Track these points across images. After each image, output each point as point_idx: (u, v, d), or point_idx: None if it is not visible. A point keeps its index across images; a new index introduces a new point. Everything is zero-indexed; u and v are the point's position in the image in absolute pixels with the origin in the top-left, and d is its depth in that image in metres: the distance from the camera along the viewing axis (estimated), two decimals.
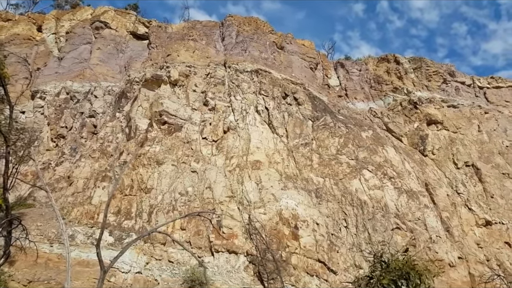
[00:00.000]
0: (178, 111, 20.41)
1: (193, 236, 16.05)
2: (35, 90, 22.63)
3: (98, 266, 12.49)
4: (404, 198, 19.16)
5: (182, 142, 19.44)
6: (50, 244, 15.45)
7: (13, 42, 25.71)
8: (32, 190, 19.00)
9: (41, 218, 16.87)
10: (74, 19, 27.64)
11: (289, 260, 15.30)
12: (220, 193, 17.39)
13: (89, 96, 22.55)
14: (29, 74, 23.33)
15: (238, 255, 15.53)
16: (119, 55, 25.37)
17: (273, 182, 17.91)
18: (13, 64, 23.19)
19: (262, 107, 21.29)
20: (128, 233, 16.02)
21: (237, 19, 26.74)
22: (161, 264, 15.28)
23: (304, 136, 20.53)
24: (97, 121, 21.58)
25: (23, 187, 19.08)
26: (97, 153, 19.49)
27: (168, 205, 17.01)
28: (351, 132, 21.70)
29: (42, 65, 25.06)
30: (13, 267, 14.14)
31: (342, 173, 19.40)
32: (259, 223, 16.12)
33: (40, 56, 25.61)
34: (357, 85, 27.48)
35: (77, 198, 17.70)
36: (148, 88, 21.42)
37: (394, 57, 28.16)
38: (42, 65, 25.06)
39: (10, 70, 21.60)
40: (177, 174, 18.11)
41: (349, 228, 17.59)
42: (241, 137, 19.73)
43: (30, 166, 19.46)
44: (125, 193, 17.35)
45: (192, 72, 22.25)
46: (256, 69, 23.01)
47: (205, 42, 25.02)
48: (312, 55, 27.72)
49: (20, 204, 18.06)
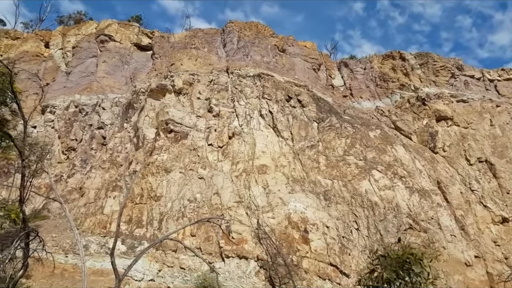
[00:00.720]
0: (184, 119, 20.62)
1: (203, 242, 16.15)
2: (45, 105, 23.19)
3: (112, 275, 12.68)
4: (416, 197, 18.86)
5: (189, 149, 19.63)
6: (65, 255, 15.78)
7: (23, 60, 26.45)
8: (46, 202, 19.45)
9: (55, 230, 17.25)
10: (80, 34, 28.27)
11: (301, 264, 15.24)
12: (228, 198, 17.47)
13: (97, 108, 23.01)
14: (38, 90, 23.91)
15: (248, 260, 15.55)
16: (124, 67, 25.83)
17: (281, 186, 17.90)
18: (23, 81, 23.84)
19: (266, 111, 21.33)
20: (140, 242, 16.25)
21: (238, 25, 26.91)
22: (173, 271, 15.42)
23: (309, 138, 20.47)
24: (106, 132, 22.00)
25: (37, 200, 19.55)
26: (107, 164, 19.85)
27: (178, 212, 17.17)
28: (358, 132, 21.52)
29: (51, 80, 25.71)
30: (31, 278, 14.48)
31: (351, 174, 19.24)
32: (268, 228, 16.13)
33: (49, 71, 26.28)
34: (362, 83, 27.21)
35: (89, 208, 18.05)
36: (154, 98, 21.73)
37: (399, 53, 27.81)
38: (51, 80, 25.71)
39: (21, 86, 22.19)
40: (185, 181, 18.28)
41: (360, 230, 17.41)
42: (247, 142, 19.81)
43: (43, 178, 19.93)
44: (135, 202, 17.60)
45: (196, 80, 22.49)
46: (259, 73, 23.09)
47: (207, 49, 25.26)
48: (314, 56, 27.62)
49: (34, 216, 18.50)
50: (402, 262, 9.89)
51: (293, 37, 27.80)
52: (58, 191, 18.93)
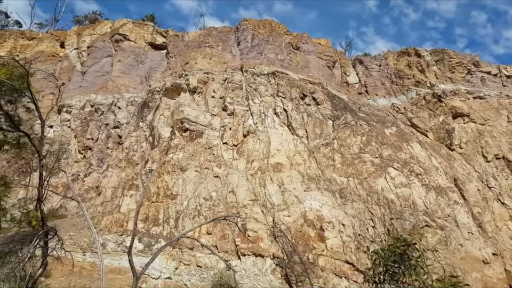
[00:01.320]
0: (199, 118, 20.68)
1: (219, 240, 16.20)
2: (61, 104, 23.43)
3: (130, 273, 12.76)
4: (433, 195, 18.63)
5: (204, 148, 19.69)
6: (83, 253, 15.94)
7: (38, 60, 26.79)
8: (63, 201, 19.67)
9: (73, 228, 17.43)
10: (95, 33, 28.53)
11: (317, 262, 15.18)
12: (243, 197, 17.47)
13: (113, 108, 23.21)
14: (54, 90, 24.21)
15: (264, 258, 15.54)
16: (139, 66, 26.00)
17: (296, 184, 17.85)
18: (39, 81, 24.18)
19: (280, 109, 21.27)
20: (156, 240, 16.35)
21: (252, 23, 26.86)
22: (190, 269, 15.48)
23: (324, 136, 20.36)
24: (121, 131, 22.18)
25: (55, 199, 19.78)
26: (124, 163, 20.02)
27: (194, 210, 17.24)
28: (374, 130, 21.31)
29: (67, 80, 26.02)
30: (50, 277, 14.68)
31: (366, 172, 19.08)
32: (284, 226, 16.11)
33: (64, 71, 26.59)
34: (377, 80, 26.94)
35: (106, 207, 18.21)
36: (169, 97, 21.83)
37: (415, 50, 27.45)
38: (67, 80, 26.02)
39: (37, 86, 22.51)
40: (200, 179, 18.34)
41: (376, 227, 17.26)
42: (261, 140, 19.79)
43: (60, 178, 20.17)
44: (151, 200, 17.72)
45: (210, 78, 22.53)
46: (273, 71, 23.03)
47: (221, 48, 25.27)
48: (329, 53, 27.43)
49: (52, 215, 18.75)
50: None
51: (307, 34, 27.63)
52: (75, 190, 19.17)
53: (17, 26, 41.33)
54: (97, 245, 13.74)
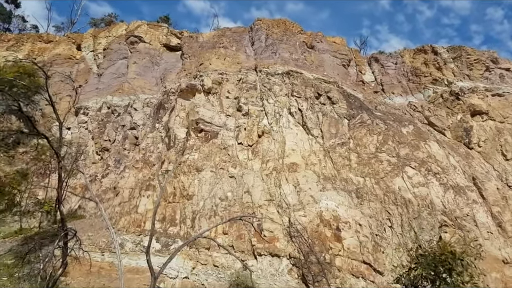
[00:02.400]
0: (214, 118, 20.76)
1: (235, 240, 16.23)
2: (78, 106, 23.80)
3: (147, 273, 12.89)
4: (451, 194, 18.29)
5: (219, 148, 19.75)
6: (101, 253, 16.16)
7: (55, 62, 27.28)
8: (81, 201, 20.01)
9: (91, 229, 17.68)
10: (110, 36, 28.91)
11: (333, 262, 15.08)
12: (259, 197, 17.47)
13: (129, 109, 23.47)
14: (71, 92, 24.61)
15: (280, 258, 15.52)
16: (154, 68, 26.25)
17: (311, 184, 17.75)
18: (57, 83, 24.66)
19: (295, 109, 21.18)
20: (173, 240, 16.49)
21: (266, 22, 26.80)
22: (207, 268, 15.56)
23: (340, 136, 20.19)
24: (138, 132, 22.41)
25: (73, 199, 20.14)
26: (140, 164, 20.24)
27: (210, 210, 17.31)
28: (391, 128, 21.04)
29: (83, 82, 26.44)
30: (69, 276, 14.93)
31: (383, 171, 18.85)
32: (300, 226, 16.04)
33: (81, 73, 27.03)
34: (393, 79, 26.56)
35: (124, 207, 18.44)
36: (184, 98, 21.97)
37: (431, 47, 26.96)
38: (83, 82, 26.44)
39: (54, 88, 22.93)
40: (216, 179, 18.41)
41: (393, 227, 17.07)
42: (276, 140, 19.74)
43: (78, 179, 20.52)
44: (168, 200, 17.87)
45: (225, 79, 22.58)
46: (287, 71, 22.92)
47: (235, 48, 25.30)
48: (344, 51, 27.17)
49: (71, 215, 19.09)
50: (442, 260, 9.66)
51: (321, 33, 27.44)
52: (93, 191, 19.47)
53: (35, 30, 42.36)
54: (116, 245, 13.91)
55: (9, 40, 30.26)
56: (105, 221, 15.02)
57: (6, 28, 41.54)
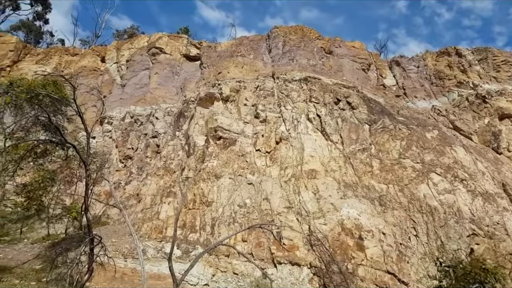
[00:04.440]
0: (232, 126, 20.88)
1: (254, 248, 16.12)
2: (103, 116, 24.60)
3: (169, 279, 13.01)
4: (479, 201, 17.52)
5: (237, 155, 19.80)
6: (124, 259, 16.41)
7: (81, 74, 28.40)
8: (105, 208, 20.50)
9: (115, 235, 18.02)
10: (133, 48, 29.83)
11: (356, 272, 14.70)
12: (277, 204, 17.33)
13: (151, 118, 24.05)
14: (96, 102, 25.48)
15: (301, 267, 15.27)
16: (174, 78, 26.84)
17: (332, 191, 17.46)
18: (82, 94, 25.55)
19: (313, 114, 20.99)
20: (194, 246, 16.56)
21: (283, 29, 26.91)
22: (227, 276, 15.50)
23: (361, 142, 19.81)
24: (159, 141, 22.89)
25: (97, 206, 20.65)
26: (162, 171, 20.58)
27: (229, 217, 17.32)
28: (414, 133, 20.47)
29: (108, 92, 27.34)
30: (93, 281, 15.24)
31: (407, 178, 18.31)
32: (321, 234, 15.77)
33: (105, 84, 27.98)
34: (415, 82, 25.92)
35: (146, 214, 18.75)
36: (203, 106, 22.27)
37: (455, 49, 26.17)
38: (108, 92, 27.34)
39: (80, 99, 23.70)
40: (234, 186, 18.43)
41: (419, 236, 16.47)
42: (294, 147, 19.60)
43: (103, 186, 21.09)
44: (188, 207, 18.02)
45: (242, 86, 22.74)
46: (305, 77, 22.82)
47: (252, 56, 25.49)
48: (363, 56, 26.80)
49: (95, 222, 19.57)
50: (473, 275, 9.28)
51: (340, 38, 27.23)
52: (117, 197, 19.92)
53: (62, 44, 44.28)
54: (139, 251, 14.11)
55: (38, 54, 31.77)
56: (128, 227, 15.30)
57: (36, 42, 43.66)
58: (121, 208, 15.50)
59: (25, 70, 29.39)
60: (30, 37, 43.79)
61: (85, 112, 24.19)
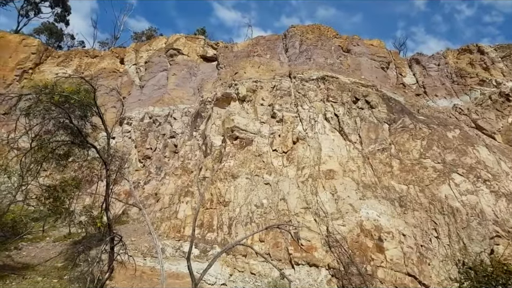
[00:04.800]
0: (248, 126, 20.89)
1: (272, 248, 16.08)
2: (122, 117, 25.05)
3: (187, 278, 13.10)
4: (503, 203, 16.95)
5: (254, 155, 19.79)
6: (143, 258, 16.62)
7: (101, 76, 28.93)
8: (124, 207, 20.83)
9: (134, 234, 18.28)
10: (151, 49, 30.23)
11: (376, 274, 14.47)
12: (295, 204, 17.23)
13: (169, 119, 24.33)
14: (116, 103, 25.98)
15: (319, 268, 15.14)
16: (192, 79, 27.08)
17: (350, 192, 17.25)
18: (102, 95, 26.05)
19: (331, 114, 20.77)
20: (211, 246, 16.65)
21: (300, 28, 26.72)
22: (244, 276, 15.51)
23: (380, 141, 19.49)
24: (177, 141, 23.14)
25: (117, 205, 21.00)
26: (179, 171, 20.79)
27: (246, 217, 17.33)
28: (435, 133, 20.00)
29: (127, 94, 27.81)
30: (113, 280, 15.51)
31: (428, 178, 17.91)
32: (339, 235, 15.60)
33: (124, 86, 28.45)
34: (436, 81, 25.30)
35: (164, 213, 18.97)
36: (219, 107, 22.36)
37: (477, 47, 25.42)
38: (127, 94, 27.81)
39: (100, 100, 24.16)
40: (251, 186, 18.43)
41: (440, 238, 16.09)
42: (311, 147, 19.45)
43: (122, 186, 21.46)
44: (206, 207, 18.12)
45: (259, 86, 22.71)
46: (322, 76, 22.61)
47: (269, 56, 25.43)
48: (382, 54, 26.32)
49: (115, 220, 19.90)
50: (495, 276, 9.03)
51: (358, 36, 26.82)
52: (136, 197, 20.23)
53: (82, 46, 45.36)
54: (158, 250, 14.28)
55: (59, 57, 32.54)
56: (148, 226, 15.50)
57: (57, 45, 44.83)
58: (140, 207, 15.72)
59: (46, 72, 30.18)
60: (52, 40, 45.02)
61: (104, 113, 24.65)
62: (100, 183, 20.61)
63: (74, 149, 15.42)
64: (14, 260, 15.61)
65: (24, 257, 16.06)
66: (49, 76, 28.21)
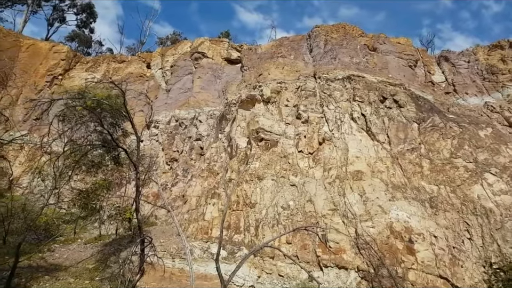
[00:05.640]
0: (273, 127, 20.86)
1: (299, 250, 16.01)
2: (149, 120, 25.59)
3: (215, 279, 13.24)
4: None
5: (279, 157, 19.75)
6: (172, 259, 16.87)
7: (128, 81, 29.55)
8: (153, 209, 21.26)
9: (163, 235, 18.57)
10: (176, 53, 30.76)
11: (406, 276, 14.16)
12: (322, 206, 17.09)
13: (195, 122, 24.68)
14: (143, 107, 26.59)
15: (348, 271, 14.95)
16: (216, 81, 27.35)
17: (379, 193, 16.94)
18: (130, 100, 26.56)
19: (357, 114, 20.46)
20: (239, 247, 16.74)
21: (324, 28, 26.47)
22: (272, 278, 15.51)
23: (409, 141, 19.04)
24: (203, 143, 23.44)
25: (146, 207, 21.46)
26: (206, 173, 21.03)
27: (272, 219, 17.32)
28: (466, 132, 19.36)
29: (154, 98, 28.40)
30: (143, 281, 15.83)
31: (460, 178, 17.37)
32: (369, 237, 15.36)
33: (151, 90, 29.08)
34: (466, 78, 24.46)
35: (192, 215, 19.23)
36: (244, 108, 22.45)
37: (508, 42, 24.34)
38: (154, 98, 28.40)
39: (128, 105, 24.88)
40: (277, 188, 18.40)
41: (473, 239, 15.57)
42: (338, 148, 19.22)
43: (150, 188, 21.92)
44: (232, 208, 18.23)
45: (283, 87, 22.64)
46: (348, 75, 22.30)
47: (293, 56, 25.32)
48: (409, 52, 25.66)
49: (144, 222, 20.31)
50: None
51: (384, 35, 26.27)
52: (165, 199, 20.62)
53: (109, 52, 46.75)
54: (187, 251, 14.56)
55: (87, 62, 33.59)
56: (176, 228, 15.80)
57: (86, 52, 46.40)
58: (169, 209, 16.04)
59: (76, 77, 31.22)
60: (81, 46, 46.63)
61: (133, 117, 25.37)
62: (128, 186, 21.10)
63: (105, 153, 15.89)
64: (47, 261, 16.15)
65: (57, 258, 16.60)
66: (78, 81, 29.22)
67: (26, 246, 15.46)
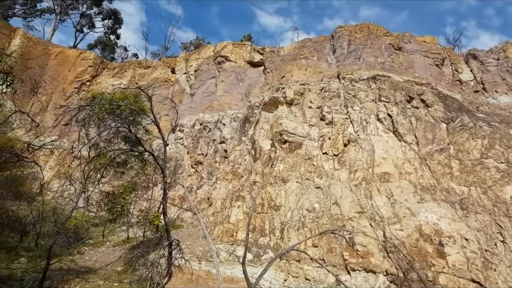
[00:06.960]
0: (297, 129, 20.80)
1: (326, 254, 15.88)
2: (175, 124, 26.08)
3: (242, 282, 13.32)
4: None
5: (303, 159, 19.66)
6: (198, 262, 17.04)
7: (154, 85, 30.23)
8: (179, 212, 21.60)
9: (189, 238, 18.82)
10: (200, 58, 31.20)
11: (437, 280, 13.82)
12: (348, 209, 16.89)
13: (219, 125, 24.97)
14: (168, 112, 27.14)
15: (376, 274, 14.72)
16: (239, 84, 27.56)
17: (407, 195, 16.58)
18: (156, 104, 27.17)
19: (383, 114, 20.11)
20: (264, 250, 16.77)
21: (347, 28, 26.18)
22: (299, 281, 15.46)
23: (438, 142, 18.55)
24: (227, 146, 23.67)
25: (172, 210, 21.76)
26: (230, 175, 21.21)
27: (298, 222, 17.26)
28: (497, 131, 18.67)
29: (178, 102, 28.92)
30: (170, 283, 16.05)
31: (491, 179, 16.77)
32: (397, 240, 15.07)
33: (176, 94, 29.63)
34: (496, 76, 23.58)
35: (217, 217, 19.42)
36: (267, 111, 22.50)
37: None
38: (178, 102, 28.92)
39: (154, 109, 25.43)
40: (302, 190, 18.33)
41: (506, 242, 14.99)
42: (364, 149, 18.95)
43: (176, 191, 22.31)
44: (257, 211, 18.29)
45: (306, 89, 22.54)
46: (373, 75, 21.95)
47: (316, 58, 25.17)
48: (436, 50, 24.99)
49: (170, 225, 20.61)
50: None
51: (409, 33, 25.71)
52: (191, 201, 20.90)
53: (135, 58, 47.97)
54: (213, 254, 14.64)
55: (114, 68, 34.54)
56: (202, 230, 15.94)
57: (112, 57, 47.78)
58: (195, 212, 16.20)
59: (103, 83, 32.17)
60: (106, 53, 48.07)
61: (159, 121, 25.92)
62: (154, 189, 21.54)
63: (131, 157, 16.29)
64: (77, 264, 16.64)
65: (87, 261, 17.09)
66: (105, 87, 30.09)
67: (57, 249, 15.85)
